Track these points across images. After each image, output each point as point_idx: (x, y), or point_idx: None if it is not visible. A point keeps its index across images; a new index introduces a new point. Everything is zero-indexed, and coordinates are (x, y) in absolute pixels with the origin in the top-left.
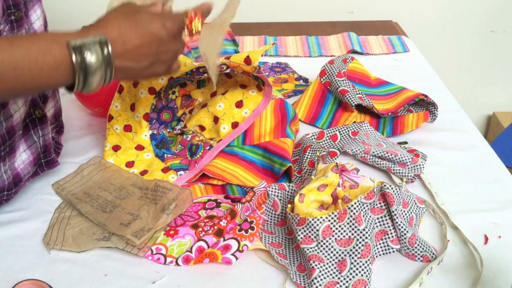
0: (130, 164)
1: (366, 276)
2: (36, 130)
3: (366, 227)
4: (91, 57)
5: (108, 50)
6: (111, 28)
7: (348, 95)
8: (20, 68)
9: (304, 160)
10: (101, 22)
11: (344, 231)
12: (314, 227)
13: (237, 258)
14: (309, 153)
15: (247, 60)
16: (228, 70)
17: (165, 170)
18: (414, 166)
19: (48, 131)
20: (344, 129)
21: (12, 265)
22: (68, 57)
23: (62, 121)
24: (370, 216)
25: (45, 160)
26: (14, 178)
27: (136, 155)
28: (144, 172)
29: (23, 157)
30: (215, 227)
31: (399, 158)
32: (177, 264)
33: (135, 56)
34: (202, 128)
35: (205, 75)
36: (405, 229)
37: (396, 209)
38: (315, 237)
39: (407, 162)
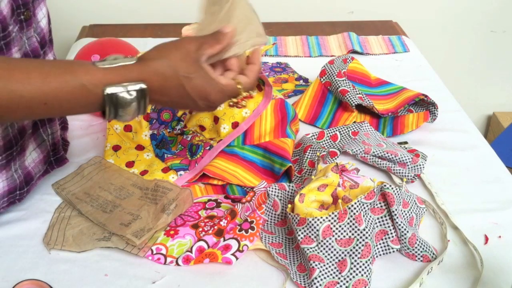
0: (130, 164)
1: (366, 276)
2: (45, 128)
3: (366, 227)
4: (125, 103)
5: (145, 101)
6: (156, 78)
7: (348, 95)
8: (51, 105)
9: (304, 160)
10: (148, 64)
11: (344, 231)
12: (314, 227)
13: (237, 258)
14: (309, 153)
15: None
16: None
17: (165, 170)
18: (414, 166)
19: (56, 129)
20: (344, 129)
21: (12, 265)
22: (102, 99)
23: (66, 118)
24: (370, 216)
25: (55, 158)
26: (25, 177)
27: (136, 155)
28: (144, 172)
29: (33, 155)
30: (215, 227)
31: (399, 158)
32: (177, 264)
33: (167, 104)
34: (202, 128)
35: None
36: (405, 229)
37: (396, 209)
38: (315, 237)
39: (407, 162)
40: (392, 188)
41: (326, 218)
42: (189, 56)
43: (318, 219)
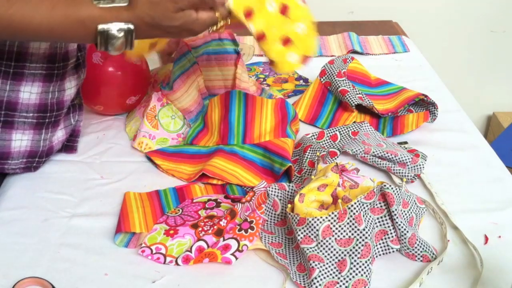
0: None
1: (366, 276)
2: (74, 114)
3: (366, 227)
4: (114, 39)
5: (132, 38)
6: (144, 21)
7: (348, 95)
8: (55, 33)
9: (304, 160)
10: (138, 7)
11: (344, 231)
12: (314, 227)
13: (236, 258)
14: (309, 153)
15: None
16: None
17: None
18: (414, 166)
19: (82, 119)
20: (344, 129)
21: (13, 263)
22: (96, 34)
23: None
24: (370, 216)
25: (67, 144)
26: (48, 150)
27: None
28: None
29: (59, 134)
30: (215, 227)
31: (399, 158)
32: (176, 263)
33: (152, 37)
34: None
35: None
36: (405, 229)
37: (396, 209)
38: (315, 237)
39: (407, 162)
40: (392, 188)
41: (326, 218)
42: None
43: (318, 219)
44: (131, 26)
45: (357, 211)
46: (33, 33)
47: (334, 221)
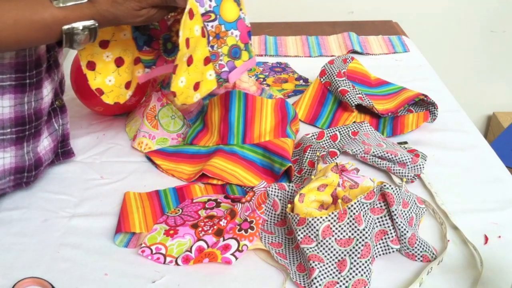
0: (104, 45)
1: (366, 276)
2: (57, 118)
3: (366, 227)
4: (78, 36)
5: (95, 32)
6: (104, 16)
7: (348, 95)
8: (23, 41)
9: (304, 160)
10: (98, 2)
11: (344, 231)
12: (314, 227)
13: (236, 258)
14: (309, 153)
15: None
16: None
17: (136, 61)
18: (414, 166)
19: (67, 121)
20: (344, 129)
21: (13, 263)
22: (61, 34)
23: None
24: (370, 216)
25: (62, 150)
26: (36, 162)
27: (112, 34)
28: (120, 62)
29: (45, 143)
30: (215, 227)
31: (399, 158)
32: (176, 263)
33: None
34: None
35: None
36: (405, 229)
37: (396, 209)
38: (315, 237)
39: (407, 162)
40: (392, 188)
41: (326, 218)
42: None
43: (318, 219)
44: (95, 23)
45: (357, 211)
46: (3, 46)
47: (334, 221)
